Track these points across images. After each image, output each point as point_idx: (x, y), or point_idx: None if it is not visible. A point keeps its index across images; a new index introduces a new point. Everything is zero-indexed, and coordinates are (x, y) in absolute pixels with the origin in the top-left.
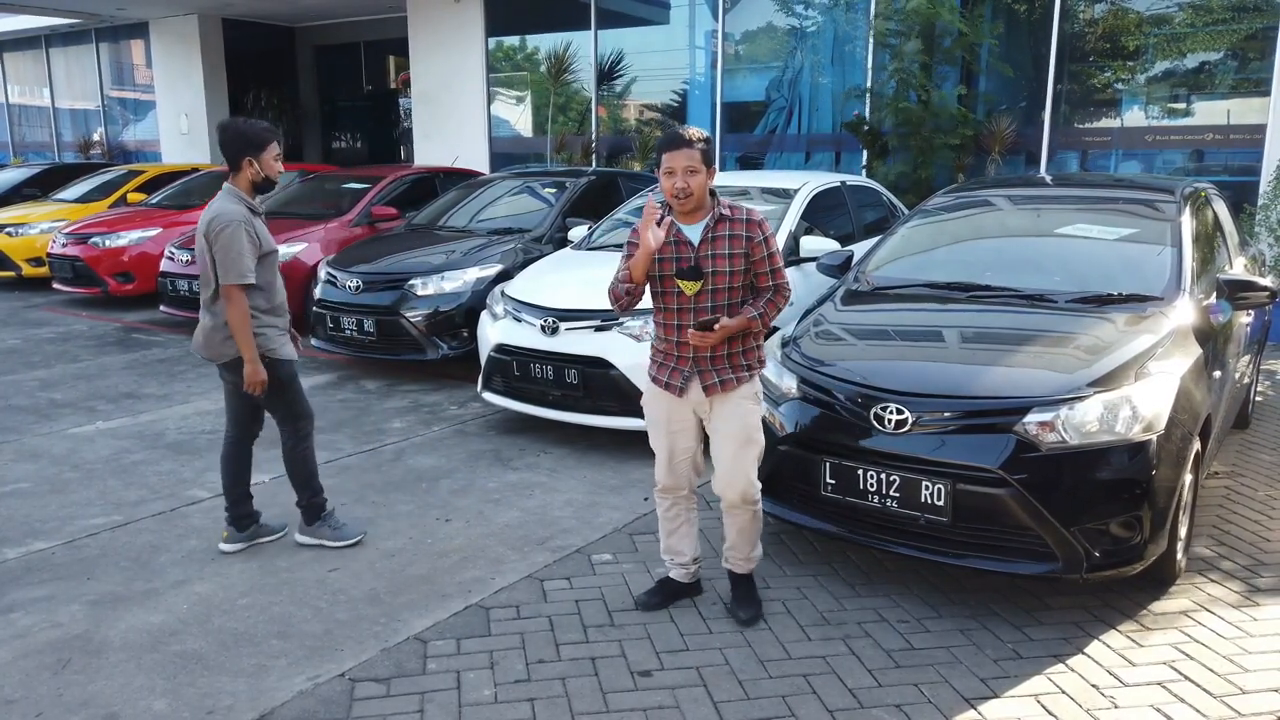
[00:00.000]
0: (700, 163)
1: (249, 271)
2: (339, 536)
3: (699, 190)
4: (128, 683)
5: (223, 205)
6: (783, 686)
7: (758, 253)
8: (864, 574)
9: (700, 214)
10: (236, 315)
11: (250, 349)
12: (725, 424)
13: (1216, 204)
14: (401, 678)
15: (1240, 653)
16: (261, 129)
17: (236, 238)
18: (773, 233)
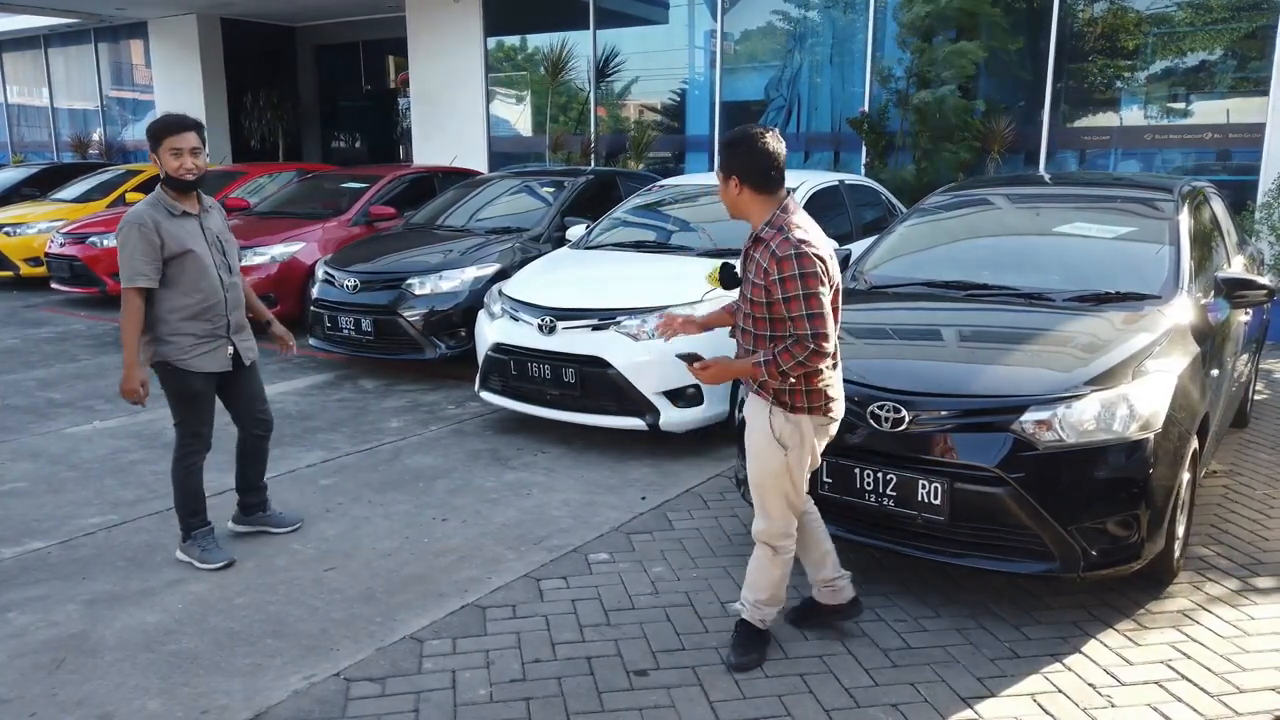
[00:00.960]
0: (718, 169)
1: (138, 275)
2: (205, 559)
3: (722, 199)
4: (122, 682)
5: (133, 208)
6: (779, 686)
7: (774, 291)
8: (861, 573)
9: (755, 223)
10: (123, 317)
11: (129, 353)
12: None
13: (1215, 202)
14: (397, 677)
15: (1238, 652)
16: (161, 122)
17: (128, 240)
18: (798, 273)
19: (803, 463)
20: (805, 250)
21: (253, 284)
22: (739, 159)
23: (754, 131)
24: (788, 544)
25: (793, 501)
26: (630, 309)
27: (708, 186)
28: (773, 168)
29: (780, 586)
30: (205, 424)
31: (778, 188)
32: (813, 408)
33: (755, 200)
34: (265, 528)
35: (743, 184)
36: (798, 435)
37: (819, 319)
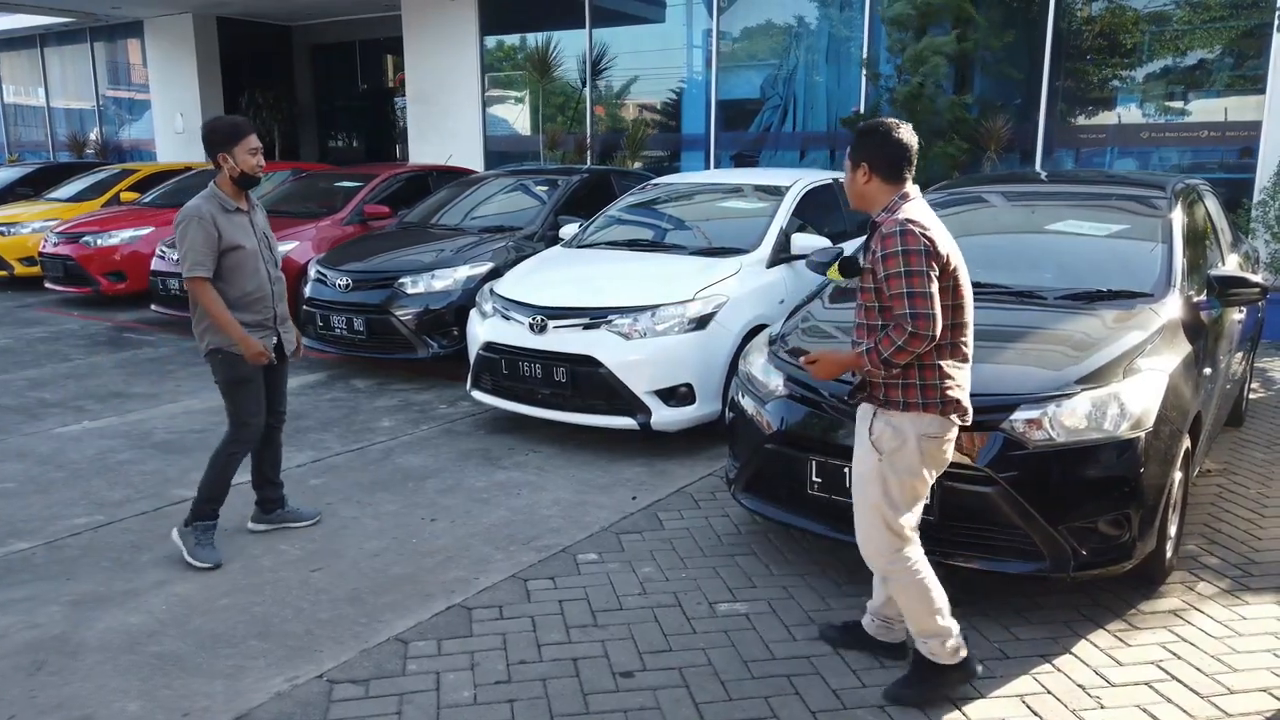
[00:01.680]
0: (847, 159)
1: (199, 265)
2: (195, 555)
3: (847, 189)
4: (103, 684)
5: (190, 202)
6: (765, 687)
7: (877, 270)
8: (850, 572)
9: (874, 212)
10: (207, 303)
11: (235, 329)
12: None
13: (1209, 200)
14: (380, 679)
15: (1229, 652)
16: (231, 123)
17: (189, 232)
18: (902, 250)
19: (901, 473)
20: (910, 227)
21: None
22: (871, 148)
23: (889, 122)
24: (895, 567)
25: (886, 517)
26: (621, 308)
27: (700, 185)
28: (904, 159)
29: (925, 613)
30: (255, 414)
31: (904, 180)
32: (926, 404)
33: (882, 190)
34: (286, 524)
35: (872, 173)
36: (898, 439)
37: (920, 299)
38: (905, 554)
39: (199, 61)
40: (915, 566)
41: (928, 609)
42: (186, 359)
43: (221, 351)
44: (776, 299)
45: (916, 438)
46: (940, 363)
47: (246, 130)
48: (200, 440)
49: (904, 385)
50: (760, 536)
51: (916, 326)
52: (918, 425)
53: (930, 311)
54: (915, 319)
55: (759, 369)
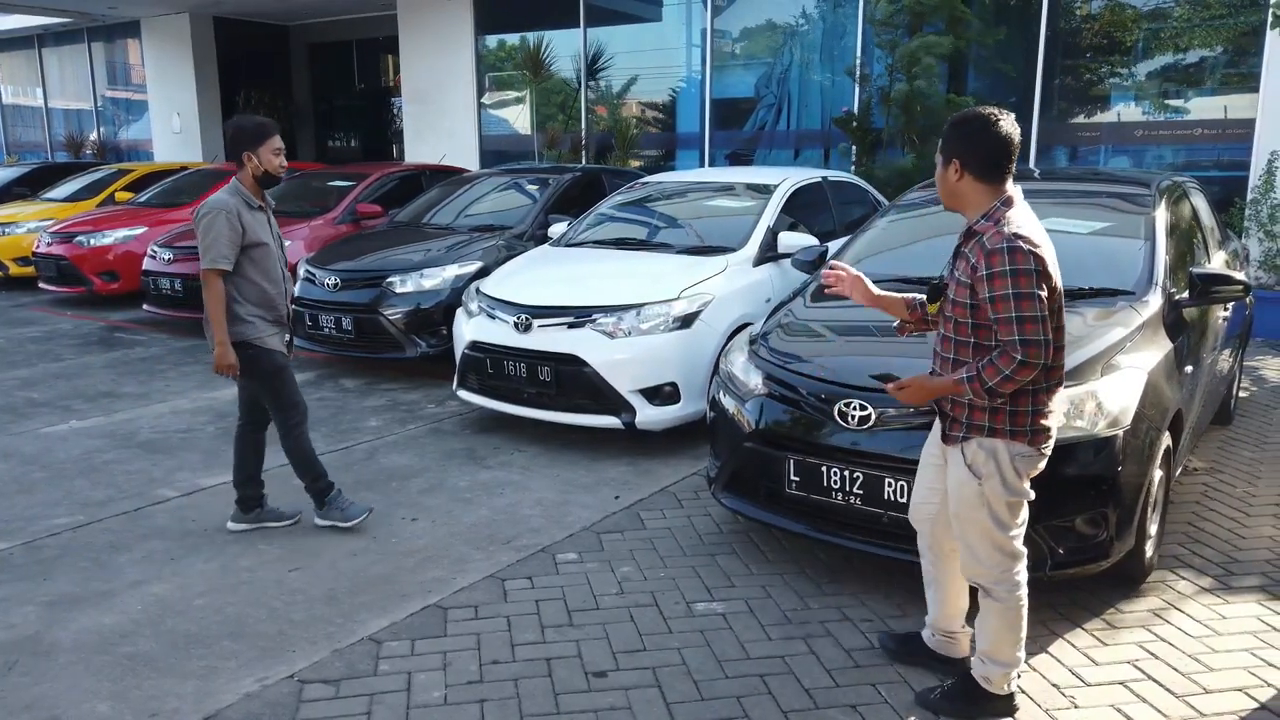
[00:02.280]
0: (938, 153)
1: (222, 258)
2: (345, 516)
3: (937, 185)
4: (74, 685)
5: (214, 196)
6: (738, 687)
7: (980, 290)
8: (830, 572)
9: (969, 215)
10: (209, 298)
11: (220, 331)
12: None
13: (1195, 198)
14: (351, 679)
15: (1207, 651)
16: (257, 123)
17: (215, 224)
18: (1011, 270)
19: (1003, 494)
20: (1020, 245)
21: None
22: (965, 141)
23: (988, 112)
24: (1004, 587)
25: (997, 539)
26: (606, 306)
27: (689, 184)
28: (1004, 156)
29: (1009, 641)
30: (297, 391)
31: (1004, 178)
32: (1014, 431)
33: (976, 190)
34: (265, 524)
35: (965, 170)
36: (993, 463)
37: (1030, 324)
38: (1017, 570)
39: (196, 61)
40: (1021, 585)
41: (1014, 637)
42: (177, 359)
43: (249, 344)
44: (763, 297)
45: (1011, 457)
46: (1033, 389)
47: (272, 130)
48: (185, 440)
49: (992, 410)
50: (742, 536)
51: (1027, 355)
52: (1010, 449)
53: (1042, 338)
54: (1026, 346)
55: (739, 368)
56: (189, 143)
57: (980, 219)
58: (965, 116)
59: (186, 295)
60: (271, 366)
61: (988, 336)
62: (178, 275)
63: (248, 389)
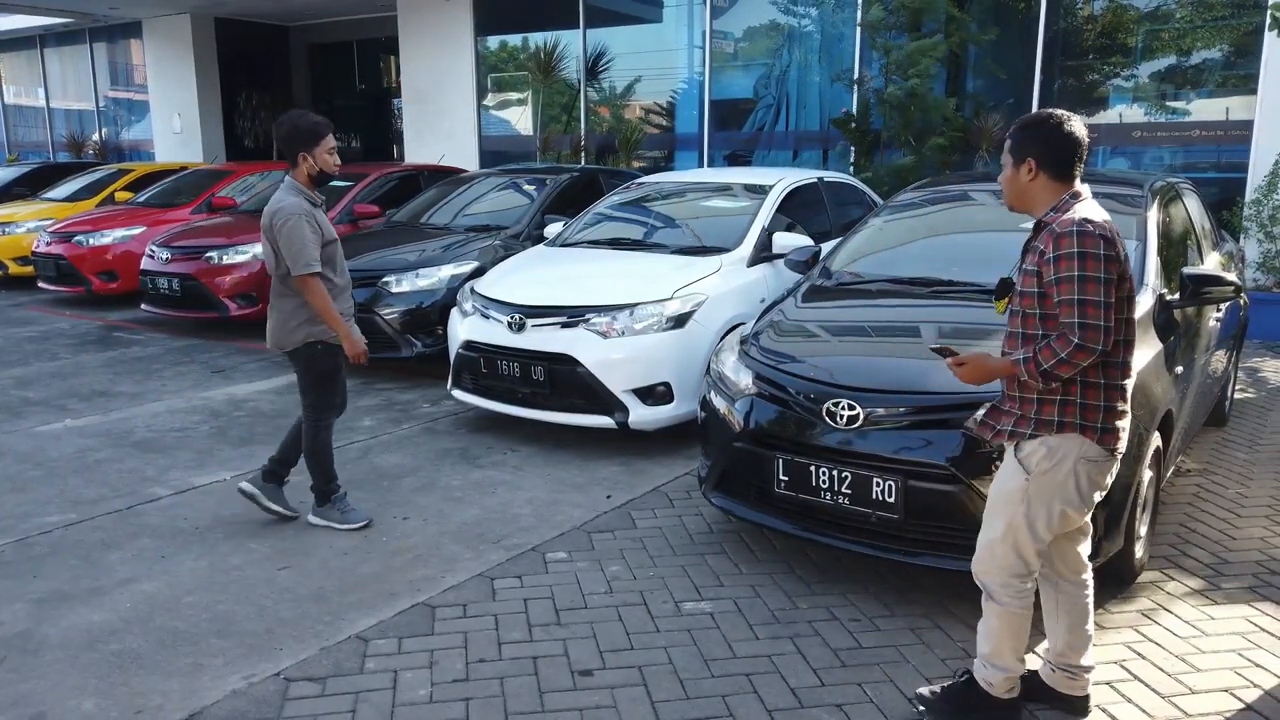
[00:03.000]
0: (1007, 152)
1: (315, 261)
2: (344, 519)
3: (1005, 186)
4: (60, 682)
5: (284, 199)
6: (724, 686)
7: (1045, 274)
8: (820, 571)
9: (1037, 213)
10: (319, 301)
11: (341, 327)
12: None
13: (1189, 199)
14: (338, 677)
15: (1194, 652)
16: (313, 122)
17: (299, 230)
18: (1078, 252)
19: (1052, 498)
20: (1089, 228)
21: (234, 283)
22: (1039, 141)
23: (1059, 114)
24: (1007, 594)
25: (1019, 541)
26: (600, 306)
27: (684, 184)
28: (1077, 155)
29: (1004, 645)
30: (340, 394)
31: (1074, 178)
32: (1084, 426)
33: (1048, 188)
34: (264, 501)
35: (1040, 169)
36: (1051, 459)
37: (1091, 307)
38: (1026, 581)
39: (197, 62)
40: (1029, 594)
41: (1014, 643)
42: (174, 358)
43: (322, 343)
44: (757, 298)
45: (1075, 460)
46: (1105, 381)
47: (326, 130)
48: (180, 439)
49: (1062, 402)
50: (732, 535)
51: (1084, 338)
52: (1078, 448)
53: (1102, 323)
54: (1084, 329)
55: (730, 368)
56: (189, 143)
57: (1049, 212)
58: (1037, 119)
59: (184, 295)
60: (330, 365)
61: (1056, 326)
62: (175, 275)
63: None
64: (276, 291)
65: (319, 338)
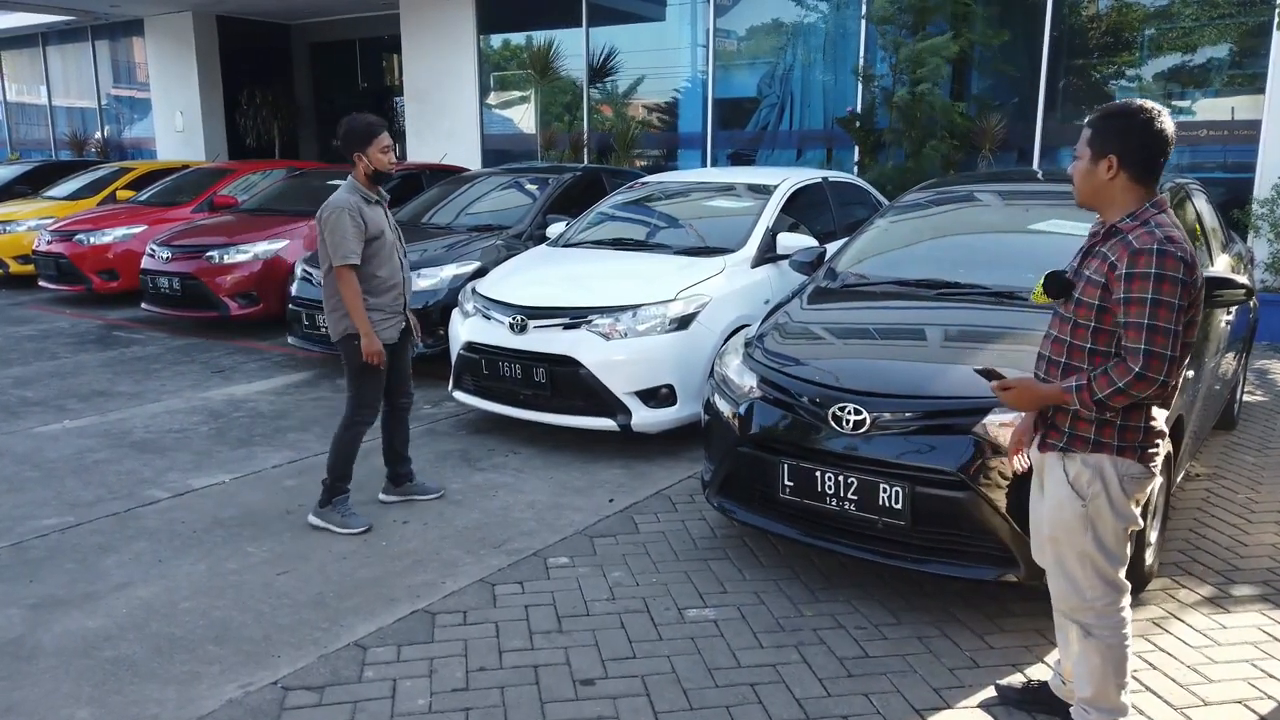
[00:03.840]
0: (1084, 144)
1: (352, 253)
2: (344, 523)
3: (1078, 181)
4: (54, 689)
5: (336, 194)
6: (728, 696)
7: (1115, 289)
8: (825, 578)
9: (1111, 215)
10: (348, 293)
11: (364, 323)
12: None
13: (1198, 200)
14: (336, 686)
15: (1206, 662)
16: (366, 123)
17: (340, 222)
18: (1156, 274)
19: (1111, 517)
20: (1172, 250)
21: (234, 282)
22: (1125, 136)
23: (1148, 106)
24: (1106, 622)
25: (1100, 566)
26: (602, 307)
27: (688, 184)
28: (1163, 154)
29: (1113, 683)
30: (379, 395)
31: (1157, 179)
32: (1123, 446)
33: (1129, 189)
34: (412, 496)
35: (1123, 166)
36: (1099, 483)
37: (1161, 336)
38: (1122, 605)
39: (199, 60)
40: (1126, 622)
41: (1118, 679)
42: (173, 358)
43: (358, 337)
44: (761, 299)
45: (1119, 479)
46: (1147, 402)
47: (379, 129)
48: (179, 440)
49: (1099, 422)
50: (735, 540)
51: (1149, 367)
52: (1118, 466)
53: (1169, 353)
54: (1149, 358)
55: (734, 370)
56: (191, 141)
57: (1125, 219)
58: (1124, 109)
59: (185, 294)
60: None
61: (1108, 343)
62: (176, 274)
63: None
64: (328, 283)
65: (354, 331)
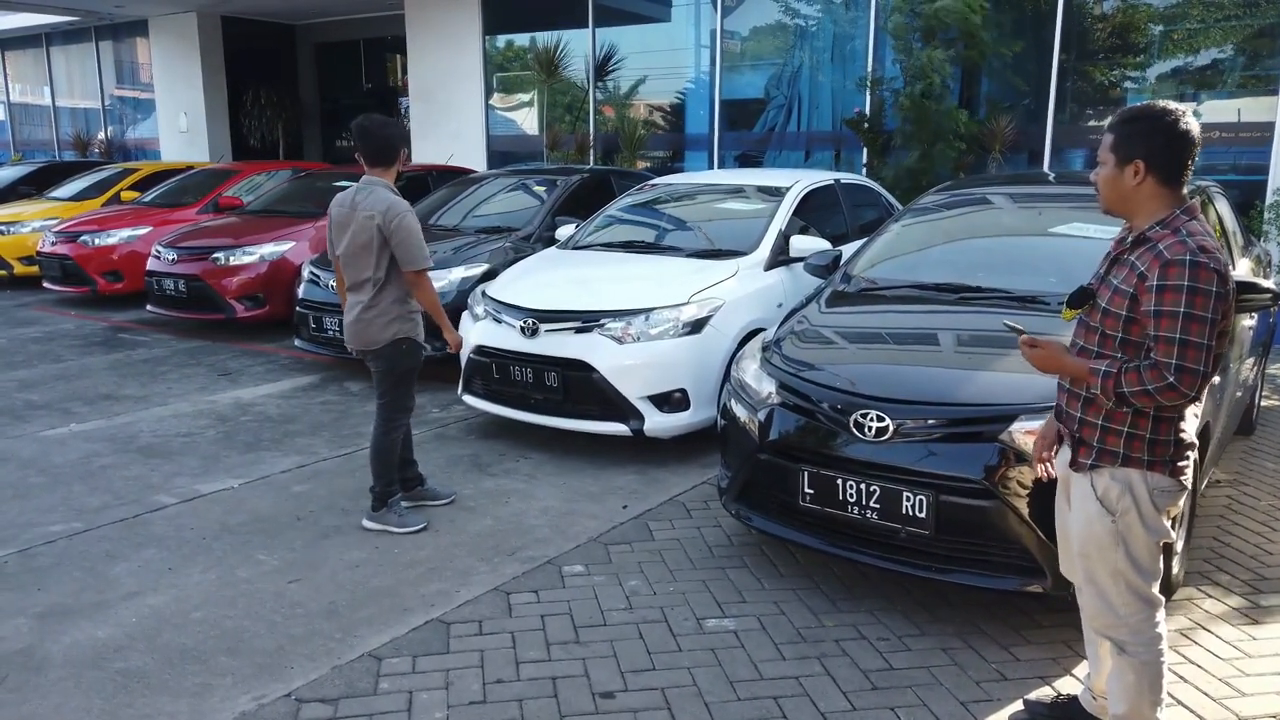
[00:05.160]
0: (1107, 150)
1: (428, 257)
2: (404, 524)
3: (1103, 188)
4: (63, 702)
5: (387, 196)
6: (750, 710)
7: (1144, 301)
8: (846, 588)
9: (1139, 222)
10: (430, 295)
11: (444, 319)
12: (1072, 515)
13: (1219, 203)
14: (350, 698)
15: (1237, 675)
16: (401, 126)
17: (413, 225)
18: (1189, 286)
19: (1142, 532)
20: (1205, 261)
21: (241, 284)
22: (1151, 139)
23: (1172, 107)
24: (1142, 639)
25: (1134, 583)
26: (615, 311)
27: (698, 185)
28: (1190, 157)
29: (1149, 701)
30: (413, 397)
31: (1185, 183)
32: (1152, 461)
33: (1156, 194)
34: (424, 501)
35: (1150, 171)
36: (1129, 498)
37: (1193, 350)
38: (1156, 620)
39: (203, 60)
40: (1161, 638)
41: (1153, 696)
42: (179, 360)
43: (409, 341)
44: (774, 302)
45: (1149, 493)
46: (1178, 415)
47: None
48: (186, 444)
49: (1129, 435)
50: (753, 548)
51: (1180, 381)
52: (1149, 481)
53: (1202, 368)
54: (1181, 372)
55: (751, 375)
56: (195, 142)
57: (1155, 226)
58: (1147, 111)
59: (190, 296)
60: (414, 364)
61: (1135, 355)
62: (181, 276)
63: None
64: (367, 290)
65: (406, 335)
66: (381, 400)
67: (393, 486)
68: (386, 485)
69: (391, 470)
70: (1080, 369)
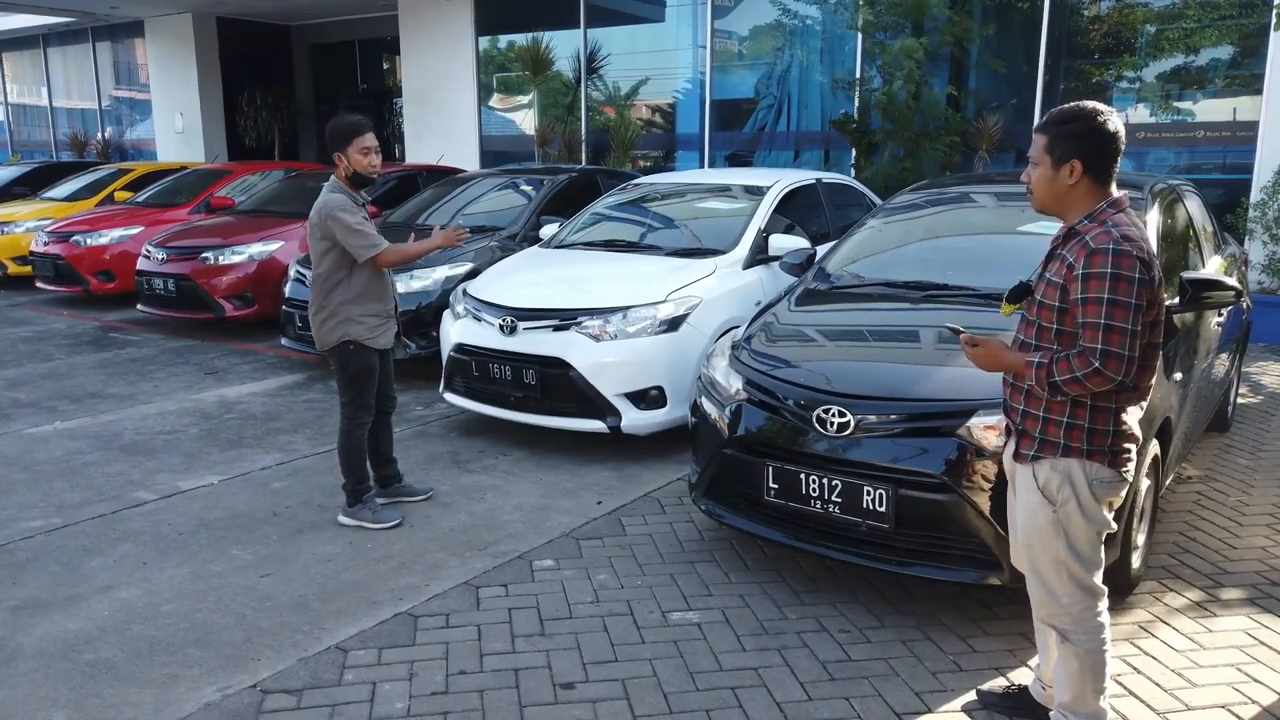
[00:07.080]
0: (1041, 151)
1: (379, 239)
2: (379, 519)
3: (1037, 188)
4: (31, 693)
5: (326, 196)
6: (708, 700)
7: (1072, 290)
8: (811, 581)
9: (1070, 218)
10: (399, 256)
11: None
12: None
13: (1190, 201)
14: (315, 689)
15: (1191, 666)
16: (348, 123)
17: (349, 219)
18: (1112, 274)
19: (1082, 522)
20: (1126, 249)
21: (229, 284)
22: (1084, 140)
23: (1102, 109)
24: (1084, 627)
25: (1075, 571)
26: (592, 309)
27: (681, 185)
28: (1119, 154)
29: (1091, 689)
30: (373, 396)
31: (1112, 180)
32: (1091, 450)
33: (1090, 192)
34: (400, 498)
35: (1086, 171)
36: (1068, 488)
37: (1117, 335)
38: (1099, 609)
39: (199, 61)
40: (1104, 627)
41: (1095, 684)
42: (167, 359)
43: (354, 343)
44: (753, 300)
45: (1088, 483)
46: (1116, 406)
47: (361, 129)
48: (169, 442)
49: (1068, 425)
50: (723, 543)
51: (1106, 365)
52: (1088, 470)
53: (1126, 353)
54: (1106, 357)
55: (720, 372)
56: (191, 142)
57: (1083, 220)
58: (1080, 113)
59: (179, 295)
60: (365, 365)
61: (1069, 346)
62: (171, 275)
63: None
64: (318, 289)
65: (352, 337)
66: (341, 399)
67: (364, 483)
68: (357, 482)
69: (360, 467)
70: (1019, 363)
